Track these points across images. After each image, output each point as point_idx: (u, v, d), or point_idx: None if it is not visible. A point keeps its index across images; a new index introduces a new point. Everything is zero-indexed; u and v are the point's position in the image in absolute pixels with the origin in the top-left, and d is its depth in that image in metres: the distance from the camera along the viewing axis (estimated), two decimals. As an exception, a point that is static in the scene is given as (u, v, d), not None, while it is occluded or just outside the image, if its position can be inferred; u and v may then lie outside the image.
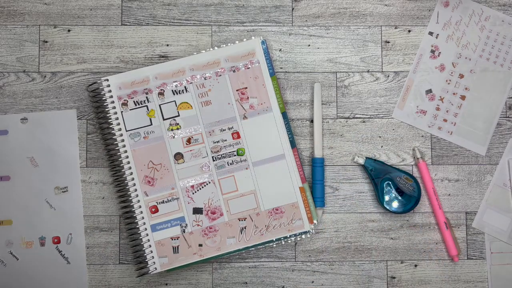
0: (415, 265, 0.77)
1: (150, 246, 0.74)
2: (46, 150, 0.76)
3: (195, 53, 0.77)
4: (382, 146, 0.79)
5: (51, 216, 0.76)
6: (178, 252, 0.75)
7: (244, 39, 0.78)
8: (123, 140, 0.76)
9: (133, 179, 0.75)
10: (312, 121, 0.78)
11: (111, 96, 0.76)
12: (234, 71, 0.77)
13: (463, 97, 0.79)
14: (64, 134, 0.77)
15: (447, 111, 0.79)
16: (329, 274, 0.77)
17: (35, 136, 0.77)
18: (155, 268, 0.74)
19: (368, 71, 0.79)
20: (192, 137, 0.76)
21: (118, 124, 0.76)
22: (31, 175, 0.76)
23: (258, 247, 0.75)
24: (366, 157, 0.78)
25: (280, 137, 0.76)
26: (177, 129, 0.76)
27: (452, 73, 0.79)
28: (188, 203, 0.75)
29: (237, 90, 0.77)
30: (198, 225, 0.75)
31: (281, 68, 0.79)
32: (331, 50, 0.79)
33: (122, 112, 0.76)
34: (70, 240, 0.76)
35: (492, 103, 0.79)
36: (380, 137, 0.79)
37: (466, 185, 0.78)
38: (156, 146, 0.76)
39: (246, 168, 0.76)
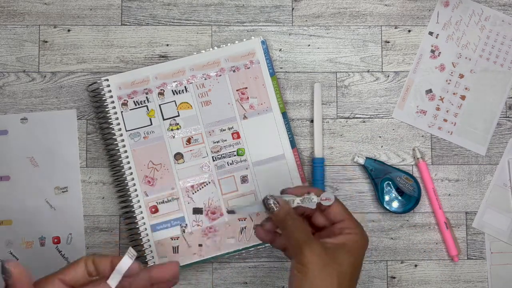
0: (415, 265, 0.77)
1: (150, 246, 0.74)
2: (46, 150, 0.76)
3: (195, 53, 0.77)
4: (382, 146, 0.79)
5: (51, 216, 0.76)
6: (178, 252, 0.75)
7: (244, 39, 0.78)
8: (123, 140, 0.76)
9: (133, 179, 0.75)
10: (312, 121, 0.78)
11: (111, 96, 0.76)
12: (234, 71, 0.77)
13: (463, 97, 0.79)
14: (64, 134, 0.77)
15: (447, 111, 0.79)
16: (329, 274, 0.77)
17: (35, 136, 0.77)
18: (155, 268, 0.74)
19: (368, 71, 0.79)
20: (192, 137, 0.76)
21: (118, 124, 0.76)
22: (31, 175, 0.76)
23: (258, 247, 0.75)
24: (366, 157, 0.78)
25: (280, 137, 0.76)
26: (177, 129, 0.76)
27: (452, 73, 0.79)
28: (188, 203, 0.75)
29: (237, 90, 0.77)
30: (198, 225, 0.75)
31: (281, 68, 0.79)
32: (331, 50, 0.79)
33: (122, 112, 0.76)
34: (70, 240, 0.76)
35: (492, 103, 0.79)
36: (380, 137, 0.79)
37: (466, 185, 0.78)
38: (156, 146, 0.76)
39: (246, 168, 0.76)
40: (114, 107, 0.76)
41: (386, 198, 0.76)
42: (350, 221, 0.59)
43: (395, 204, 0.76)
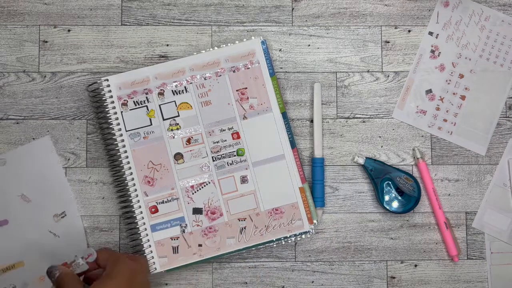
0: (415, 265, 0.77)
1: (150, 246, 0.74)
2: (33, 183, 0.75)
3: (195, 53, 0.77)
4: (382, 146, 0.79)
5: (57, 244, 0.75)
6: (178, 252, 0.75)
7: (244, 39, 0.78)
8: (123, 140, 0.76)
9: (133, 179, 0.75)
10: (312, 121, 0.78)
11: (111, 96, 0.76)
12: (234, 71, 0.77)
13: (463, 97, 0.79)
14: (45, 162, 0.76)
15: (447, 111, 0.79)
16: (329, 274, 0.77)
17: (18, 174, 0.75)
18: (155, 268, 0.74)
19: (368, 71, 0.79)
20: (192, 137, 0.76)
21: (118, 124, 0.76)
22: (27, 211, 0.75)
23: (258, 247, 0.75)
24: (366, 157, 0.78)
25: (280, 137, 0.76)
26: (177, 129, 0.76)
27: (452, 73, 0.79)
28: (188, 203, 0.75)
29: (237, 90, 0.77)
30: (198, 225, 0.75)
31: (281, 68, 0.79)
32: (331, 50, 0.79)
33: (122, 112, 0.76)
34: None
35: (492, 103, 0.79)
36: (380, 137, 0.79)
37: (466, 185, 0.78)
38: (156, 146, 0.76)
39: (246, 168, 0.76)
40: (114, 107, 0.76)
41: (386, 198, 0.76)
42: (109, 258, 0.68)
43: (395, 204, 0.76)
